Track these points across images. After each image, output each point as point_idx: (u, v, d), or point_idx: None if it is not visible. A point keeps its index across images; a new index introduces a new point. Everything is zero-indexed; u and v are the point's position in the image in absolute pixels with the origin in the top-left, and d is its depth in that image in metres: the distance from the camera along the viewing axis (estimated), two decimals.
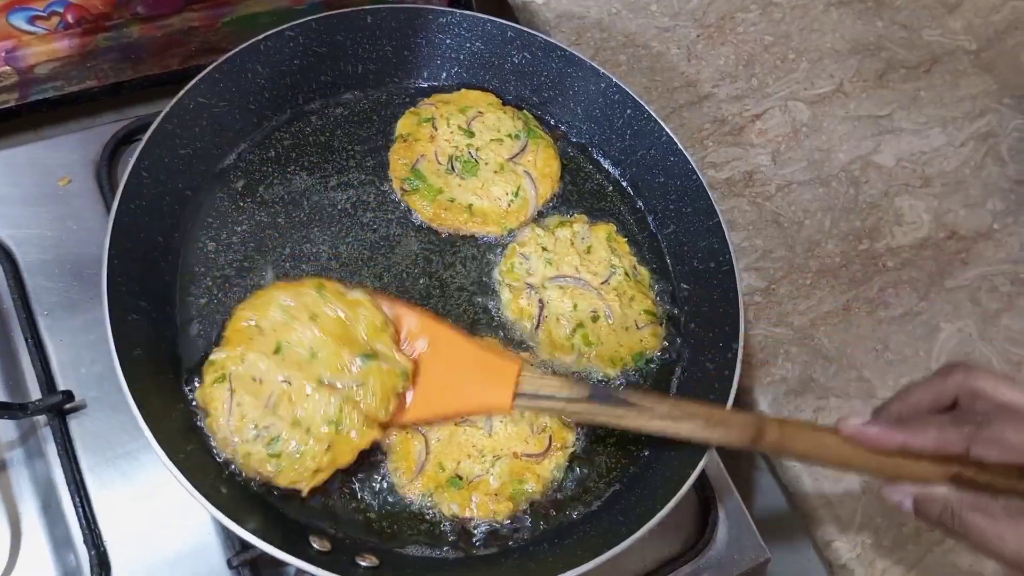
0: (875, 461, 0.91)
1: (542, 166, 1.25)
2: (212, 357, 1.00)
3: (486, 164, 1.23)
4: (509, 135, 1.26)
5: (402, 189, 1.21)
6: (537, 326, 1.14)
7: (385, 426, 1.00)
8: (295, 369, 0.97)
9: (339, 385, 0.97)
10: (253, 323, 1.00)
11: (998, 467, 0.86)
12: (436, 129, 1.24)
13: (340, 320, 1.00)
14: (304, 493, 0.97)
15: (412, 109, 1.26)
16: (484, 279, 1.18)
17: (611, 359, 1.14)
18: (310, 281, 1.04)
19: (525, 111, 1.30)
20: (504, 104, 1.29)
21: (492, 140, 1.25)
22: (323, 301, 1.01)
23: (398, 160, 1.22)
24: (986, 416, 0.86)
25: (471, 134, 1.24)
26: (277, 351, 0.98)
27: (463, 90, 1.29)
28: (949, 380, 0.90)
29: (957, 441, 0.86)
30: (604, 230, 1.22)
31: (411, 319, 1.04)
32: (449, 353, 1.03)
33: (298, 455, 0.95)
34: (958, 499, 0.87)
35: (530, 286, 1.16)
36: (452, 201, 1.20)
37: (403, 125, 1.25)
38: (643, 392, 1.06)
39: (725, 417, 0.98)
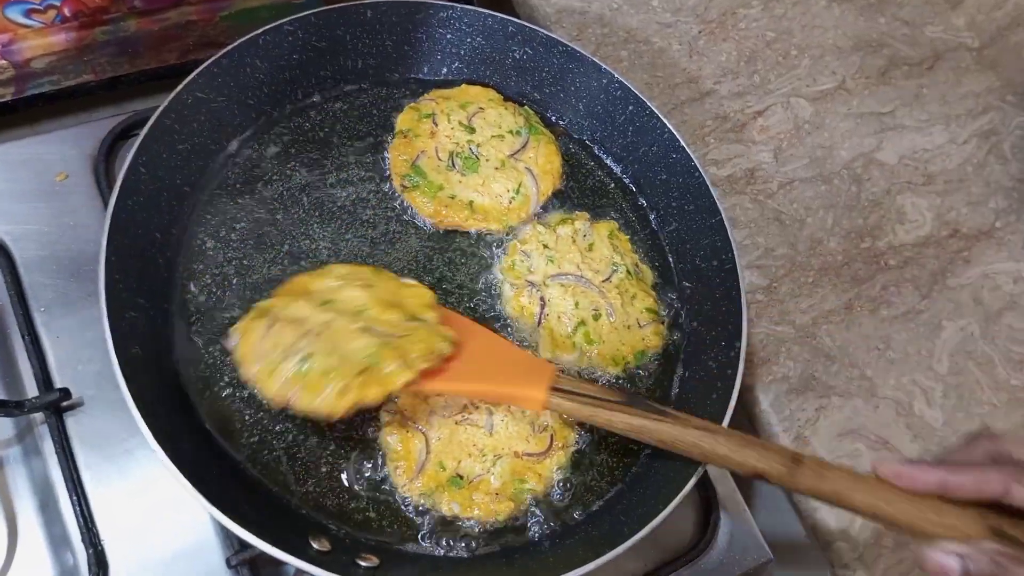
0: (917, 511, 0.87)
1: (543, 163, 1.24)
2: (258, 303, 1.00)
3: (487, 161, 1.22)
4: (510, 131, 1.24)
5: (402, 186, 1.20)
6: (538, 324, 1.14)
7: (421, 376, 0.95)
8: (340, 315, 0.96)
9: (382, 331, 0.96)
10: (306, 285, 1.01)
11: None
12: (436, 125, 1.23)
13: (392, 290, 1.01)
14: (331, 415, 0.91)
15: (412, 104, 1.25)
16: (485, 276, 1.18)
17: (613, 358, 1.14)
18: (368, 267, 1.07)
19: (526, 107, 1.29)
20: (505, 100, 1.28)
21: (493, 136, 1.23)
22: (378, 277, 1.03)
23: (398, 156, 1.21)
24: None
25: (472, 130, 1.23)
26: (325, 304, 0.98)
27: (464, 85, 1.28)
28: (977, 447, 0.88)
29: (996, 481, 0.84)
30: (606, 227, 1.22)
31: (455, 317, 1.06)
32: (490, 347, 1.04)
33: (326, 374, 0.91)
34: (1010, 555, 0.83)
35: (531, 284, 1.15)
36: (453, 198, 1.19)
37: (403, 121, 1.24)
38: (677, 411, 1.01)
39: (761, 444, 0.96)
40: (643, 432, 0.97)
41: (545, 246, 1.17)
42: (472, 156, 1.22)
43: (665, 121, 1.22)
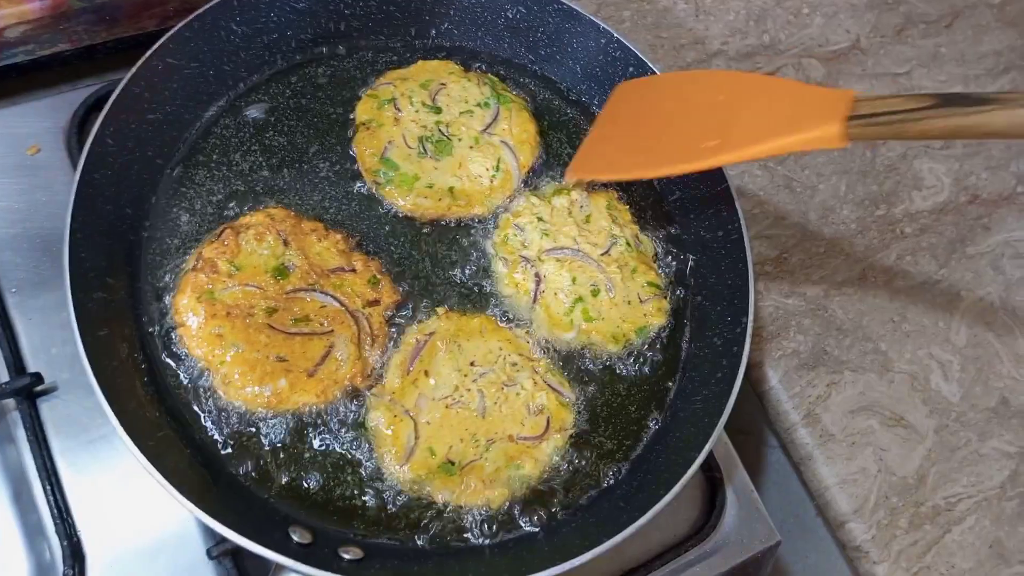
0: None
1: (519, 132, 1.16)
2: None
3: (460, 140, 1.14)
4: (478, 104, 1.16)
5: (375, 183, 1.12)
6: (534, 301, 1.08)
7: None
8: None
9: None
10: None
11: None
12: (399, 111, 1.15)
13: None
14: None
15: (369, 91, 1.17)
16: (476, 258, 1.11)
17: (613, 335, 1.08)
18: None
19: (490, 75, 1.21)
20: (467, 71, 1.20)
21: (462, 113, 1.16)
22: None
23: (365, 151, 1.13)
24: None
25: (438, 110, 1.15)
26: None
27: (420, 62, 1.20)
28: None
29: None
30: (604, 198, 1.15)
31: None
32: (767, 92, 0.96)
33: None
34: None
35: (526, 259, 1.09)
36: (431, 187, 1.11)
37: (362, 111, 1.15)
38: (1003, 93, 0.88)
39: None
40: (970, 130, 0.86)
41: (539, 219, 1.11)
42: (443, 138, 1.14)
43: None
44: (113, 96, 1.00)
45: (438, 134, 1.14)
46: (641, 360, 1.09)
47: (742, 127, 0.95)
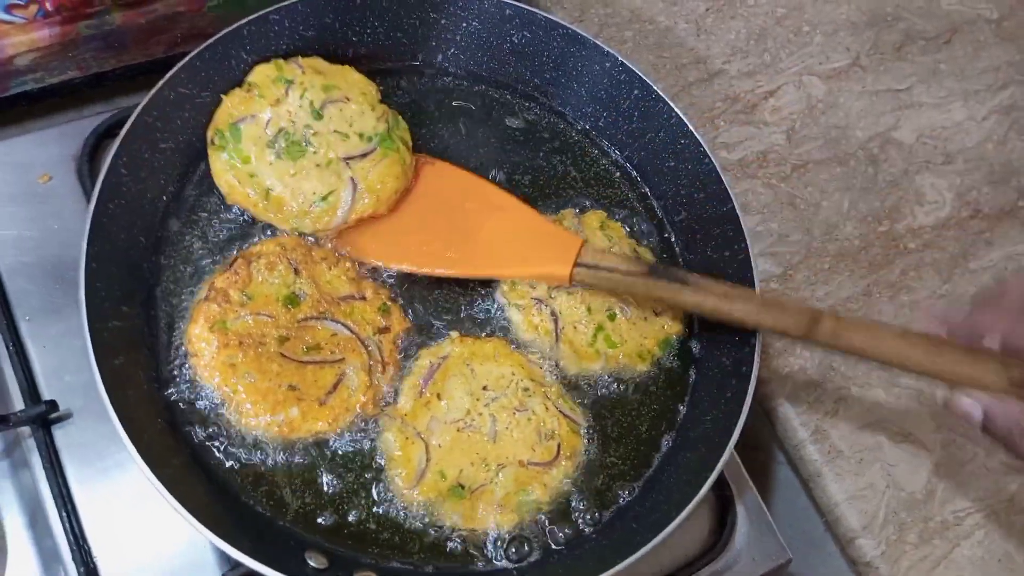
0: (933, 361, 0.90)
1: (375, 179, 1.07)
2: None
3: (313, 153, 1.06)
4: (360, 134, 1.08)
5: (211, 141, 1.08)
6: (556, 340, 1.08)
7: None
8: None
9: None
10: None
11: None
12: (287, 95, 1.09)
13: None
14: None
15: (278, 61, 1.11)
16: (488, 305, 1.12)
17: (639, 354, 1.09)
18: None
19: (402, 119, 1.15)
20: (383, 103, 1.14)
21: (336, 132, 1.08)
22: None
23: (227, 107, 1.08)
24: None
25: (319, 116, 1.08)
26: None
27: (347, 67, 1.14)
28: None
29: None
30: (596, 218, 1.16)
31: (488, 188, 1.10)
32: (515, 223, 1.07)
33: None
34: None
35: (538, 300, 1.10)
36: (252, 177, 1.05)
37: (258, 73, 1.10)
38: (700, 275, 1.04)
39: (780, 304, 0.99)
40: (663, 301, 1.04)
41: None
42: (299, 143, 1.06)
43: (672, 105, 1.17)
44: (126, 126, 1.01)
45: (298, 136, 1.07)
46: (652, 382, 1.10)
47: (481, 245, 1.07)
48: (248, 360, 0.98)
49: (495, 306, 1.12)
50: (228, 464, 0.97)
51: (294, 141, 1.06)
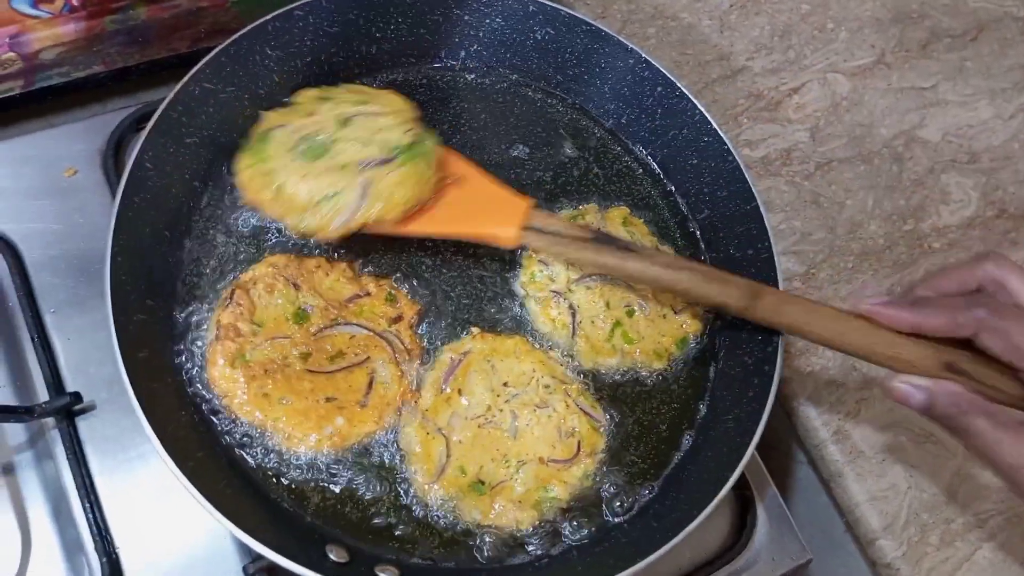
0: (868, 343, 0.93)
1: (387, 187, 1.01)
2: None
3: (332, 158, 1.02)
4: (382, 144, 1.03)
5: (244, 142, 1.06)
6: (573, 334, 1.08)
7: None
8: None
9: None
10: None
11: (996, 365, 0.89)
12: (321, 108, 1.06)
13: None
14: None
15: (324, 87, 1.10)
16: (506, 293, 1.12)
17: (656, 352, 1.09)
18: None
19: (433, 139, 1.07)
20: (420, 120, 1.08)
21: (358, 139, 1.03)
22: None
23: (265, 121, 1.05)
24: (1003, 310, 0.87)
25: (346, 124, 1.04)
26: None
27: (390, 91, 1.10)
28: (979, 268, 0.91)
29: (966, 325, 0.88)
30: (619, 214, 1.16)
31: (452, 158, 1.09)
32: (468, 185, 1.07)
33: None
34: (969, 400, 0.88)
35: (556, 293, 1.10)
36: (267, 175, 1.02)
37: (301, 94, 1.08)
38: (646, 246, 1.08)
39: (724, 276, 1.00)
40: (607, 268, 1.04)
41: None
42: (320, 147, 1.02)
43: (695, 102, 1.16)
44: (152, 121, 1.02)
45: (321, 141, 1.03)
46: (672, 380, 1.10)
47: (440, 208, 1.06)
48: (279, 385, 0.98)
49: (514, 300, 1.12)
50: (250, 458, 0.97)
51: (315, 144, 1.03)
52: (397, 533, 0.96)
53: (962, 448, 1.21)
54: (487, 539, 0.97)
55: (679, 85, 1.17)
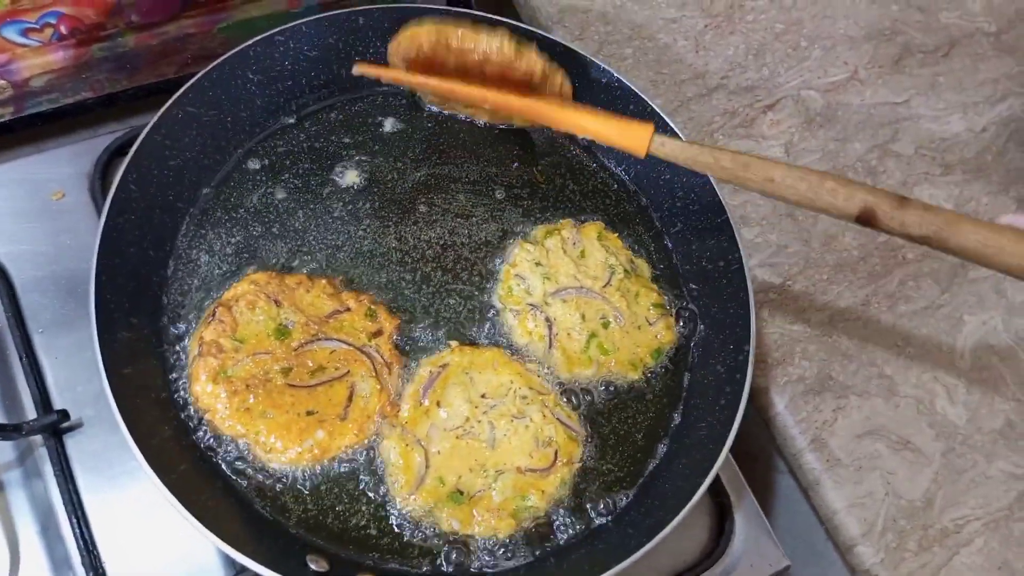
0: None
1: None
2: None
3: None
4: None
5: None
6: (550, 347, 1.11)
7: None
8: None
9: None
10: None
11: None
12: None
13: None
14: None
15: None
16: (481, 306, 1.15)
17: (631, 363, 1.11)
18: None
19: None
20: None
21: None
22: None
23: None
24: None
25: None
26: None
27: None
28: None
29: None
30: (594, 229, 1.19)
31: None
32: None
33: None
34: None
35: (533, 306, 1.12)
36: None
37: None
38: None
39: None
40: (747, 167, 0.98)
41: (537, 264, 1.14)
42: None
43: (668, 120, 1.19)
44: (136, 144, 1.04)
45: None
46: (648, 390, 1.12)
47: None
48: (261, 399, 1.00)
49: (491, 313, 1.14)
50: (233, 472, 0.99)
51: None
52: (376, 542, 0.98)
53: (939, 455, 1.24)
54: (465, 547, 0.98)
55: (652, 104, 1.20)
